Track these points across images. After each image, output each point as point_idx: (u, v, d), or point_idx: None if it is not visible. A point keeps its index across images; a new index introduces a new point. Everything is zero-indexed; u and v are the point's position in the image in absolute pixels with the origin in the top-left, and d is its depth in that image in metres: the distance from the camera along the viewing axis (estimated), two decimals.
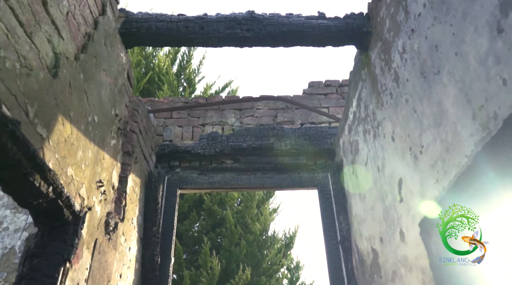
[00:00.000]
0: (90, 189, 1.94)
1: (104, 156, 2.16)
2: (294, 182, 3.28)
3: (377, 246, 2.35)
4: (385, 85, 2.18)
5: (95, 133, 2.02)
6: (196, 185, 3.27)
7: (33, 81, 1.40)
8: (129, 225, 2.57)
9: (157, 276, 2.78)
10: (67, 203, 1.64)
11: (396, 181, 2.03)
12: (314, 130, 3.48)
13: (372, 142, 2.40)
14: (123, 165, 2.54)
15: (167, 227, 3.07)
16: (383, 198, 2.22)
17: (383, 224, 2.23)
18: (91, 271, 1.90)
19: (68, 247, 1.65)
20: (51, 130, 1.53)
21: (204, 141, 3.41)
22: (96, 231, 2.01)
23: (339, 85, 3.95)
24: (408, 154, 1.88)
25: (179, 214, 7.02)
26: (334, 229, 3.05)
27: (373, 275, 2.42)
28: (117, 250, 2.31)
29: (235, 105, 3.77)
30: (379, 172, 2.29)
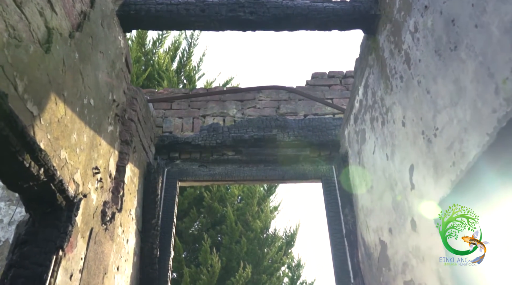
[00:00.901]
0: (85, 175, 1.84)
1: (100, 142, 2.06)
2: (298, 174, 3.19)
3: (385, 237, 2.25)
4: (394, 69, 2.09)
5: (91, 117, 1.92)
6: (196, 177, 3.18)
7: (22, 53, 1.30)
8: (127, 216, 2.47)
9: (156, 270, 2.68)
10: (60, 187, 1.54)
11: (407, 168, 1.94)
12: (318, 122, 3.38)
13: (380, 130, 2.31)
14: (121, 153, 2.44)
15: (167, 220, 2.97)
16: (393, 186, 2.12)
17: (392, 214, 2.13)
18: (86, 262, 1.81)
19: (61, 234, 1.56)
20: (42, 109, 1.44)
21: (205, 133, 3.32)
22: (92, 220, 1.91)
23: (343, 76, 3.85)
24: (420, 138, 1.79)
25: (178, 211, 6.92)
26: (339, 222, 2.96)
27: (381, 268, 2.32)
28: (114, 241, 2.21)
29: (236, 96, 3.67)
30: (388, 160, 2.20)
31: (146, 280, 2.64)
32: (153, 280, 2.65)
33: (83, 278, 1.77)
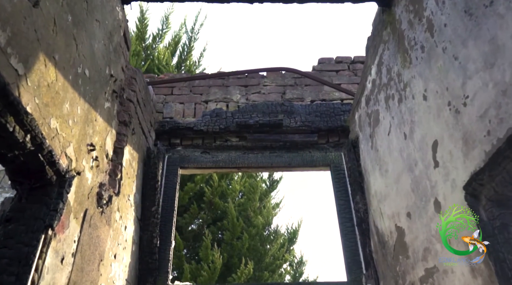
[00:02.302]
0: (79, 150, 1.68)
1: (96, 118, 1.90)
2: (305, 161, 3.03)
3: (402, 223, 2.10)
4: (414, 40, 1.93)
5: (85, 89, 1.76)
6: (198, 163, 3.02)
7: (4, 0, 1.14)
8: (125, 201, 2.31)
9: (155, 260, 2.52)
10: (50, 159, 1.38)
11: (430, 144, 1.78)
12: (326, 107, 3.23)
13: (397, 108, 2.15)
14: (119, 135, 2.29)
15: (167, 208, 2.81)
16: (412, 167, 1.97)
17: (411, 197, 1.97)
18: (79, 245, 1.65)
19: (50, 212, 1.40)
20: (30, 69, 1.28)
21: (207, 118, 3.16)
22: (86, 201, 1.75)
23: (351, 62, 3.70)
24: (445, 110, 1.63)
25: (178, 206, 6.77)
26: (349, 211, 2.80)
27: (397, 257, 2.17)
28: (111, 226, 2.05)
29: (240, 82, 3.52)
30: (406, 140, 2.04)
31: (145, 270, 2.49)
32: (152, 271, 2.49)
33: (76, 263, 1.61)
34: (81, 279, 1.65)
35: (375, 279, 2.49)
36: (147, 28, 8.85)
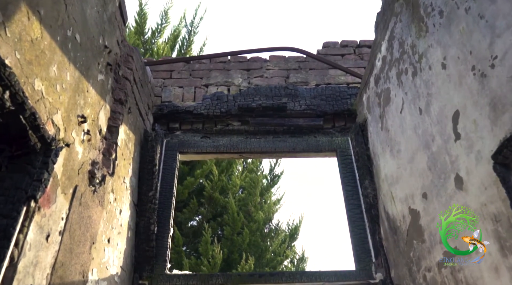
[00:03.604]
0: (68, 120, 1.54)
1: (88, 89, 1.76)
2: (310, 146, 2.89)
3: (417, 205, 1.96)
4: (431, 6, 1.79)
5: (76, 55, 1.62)
6: (198, 148, 2.87)
7: None
8: (120, 183, 2.17)
9: (153, 247, 2.38)
10: (33, 122, 1.24)
11: (449, 116, 1.64)
12: (332, 91, 3.09)
13: (410, 82, 2.01)
14: (114, 112, 2.15)
15: (166, 194, 2.67)
16: (428, 143, 1.83)
17: (428, 176, 1.83)
18: (68, 224, 1.51)
19: (34, 182, 1.26)
20: (9, 17, 1.14)
21: (208, 101, 3.02)
22: (77, 176, 1.61)
23: (357, 45, 3.56)
24: (469, 76, 1.49)
25: (178, 202, 6.62)
26: (357, 197, 2.66)
27: (411, 242, 2.03)
28: (105, 208, 1.91)
29: (242, 65, 3.37)
30: (421, 115, 1.90)
31: (142, 258, 2.34)
32: (149, 259, 2.35)
33: (65, 243, 1.47)
34: (69, 260, 1.51)
35: (386, 268, 2.35)
36: (146, 23, 8.72)
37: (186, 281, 2.35)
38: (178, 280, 2.35)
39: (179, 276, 2.38)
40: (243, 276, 2.39)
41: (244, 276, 2.39)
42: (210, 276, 2.40)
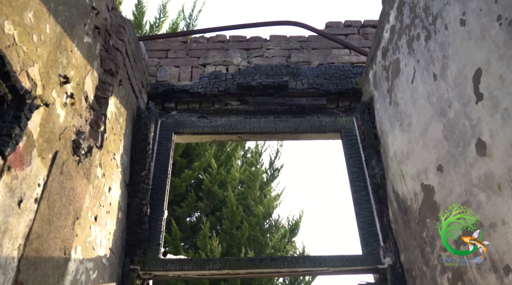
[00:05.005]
0: (47, 78, 1.39)
1: (72, 48, 1.60)
2: (313, 126, 2.73)
3: (431, 180, 1.80)
4: None
5: (57, 8, 1.46)
6: (195, 128, 2.72)
7: None
8: (109, 159, 2.01)
9: (145, 230, 2.22)
10: (2, 69, 1.08)
11: (469, 77, 1.49)
12: (336, 69, 2.94)
13: (423, 47, 1.86)
14: (103, 83, 1.99)
15: (160, 175, 2.51)
16: (444, 110, 1.67)
17: (444, 146, 1.68)
18: (46, 192, 1.35)
19: (2, 136, 1.10)
20: None
21: (205, 80, 2.86)
22: (58, 142, 1.45)
23: (361, 25, 3.41)
24: (493, 27, 1.34)
25: (175, 195, 6.47)
26: (363, 178, 2.50)
27: (423, 221, 1.87)
28: (91, 182, 1.76)
29: (241, 45, 3.22)
30: (435, 81, 1.75)
31: (134, 241, 2.18)
32: (141, 242, 2.19)
33: (42, 212, 1.31)
34: (48, 233, 1.35)
35: (395, 252, 2.19)
36: (144, 17, 8.57)
37: (181, 266, 2.19)
38: (172, 265, 2.20)
39: (174, 261, 2.22)
40: (242, 261, 2.23)
41: (243, 261, 2.24)
42: (206, 261, 2.25)
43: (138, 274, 2.15)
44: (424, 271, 1.88)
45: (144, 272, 2.17)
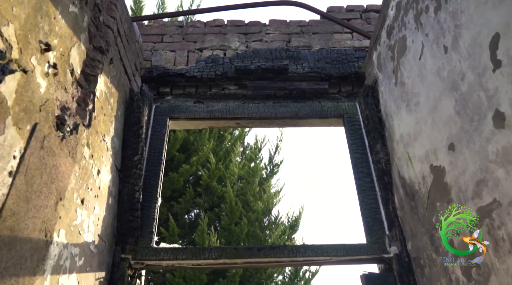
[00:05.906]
0: (25, 42, 1.27)
1: (56, 16, 1.49)
2: (314, 111, 2.61)
3: (441, 160, 1.68)
4: None
5: None
6: (191, 113, 2.60)
7: None
8: (99, 140, 1.89)
9: (137, 217, 2.10)
10: None
11: (485, 44, 1.37)
12: (338, 53, 2.82)
13: (433, 19, 1.74)
14: (93, 61, 1.87)
15: (154, 161, 2.39)
16: (456, 84, 1.56)
17: (456, 122, 1.56)
18: (24, 166, 1.23)
19: None
20: None
21: (202, 64, 2.74)
22: (38, 113, 1.33)
23: (364, 10, 3.30)
24: None
25: (173, 191, 6.35)
26: (367, 164, 2.39)
27: (433, 205, 1.75)
28: (78, 162, 1.64)
29: (239, 29, 3.10)
30: (446, 53, 1.63)
31: (125, 229, 2.07)
32: (133, 230, 2.07)
33: (18, 188, 1.19)
34: (25, 212, 1.23)
35: (401, 240, 2.07)
36: (142, 12, 8.47)
37: (175, 255, 2.07)
38: (166, 254, 2.08)
39: (167, 250, 2.10)
40: (239, 250, 2.11)
41: (240, 250, 2.12)
42: (202, 249, 2.13)
43: (130, 263, 2.03)
44: (434, 258, 1.76)
45: (136, 261, 2.05)
